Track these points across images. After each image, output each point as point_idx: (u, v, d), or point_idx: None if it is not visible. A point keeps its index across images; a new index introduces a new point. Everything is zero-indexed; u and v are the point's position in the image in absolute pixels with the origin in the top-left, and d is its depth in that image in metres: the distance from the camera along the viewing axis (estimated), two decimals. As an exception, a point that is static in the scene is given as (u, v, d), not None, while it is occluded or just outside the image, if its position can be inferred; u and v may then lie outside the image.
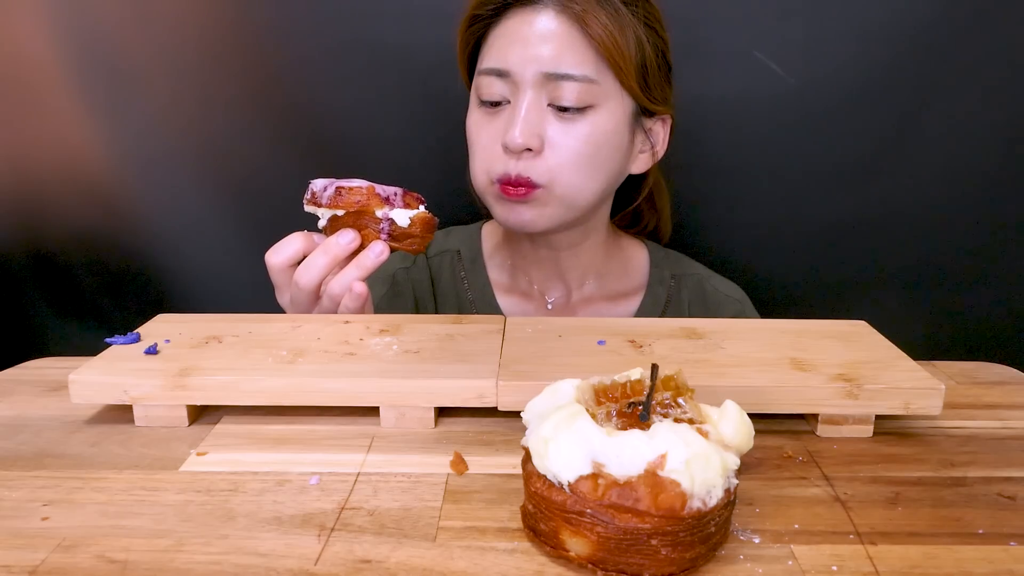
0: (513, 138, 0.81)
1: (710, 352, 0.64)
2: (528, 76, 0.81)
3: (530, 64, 0.81)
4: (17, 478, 0.53)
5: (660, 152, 0.91)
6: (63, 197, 1.17)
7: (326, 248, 0.72)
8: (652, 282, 0.99)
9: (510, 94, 0.83)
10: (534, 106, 0.82)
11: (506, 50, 0.83)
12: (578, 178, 0.83)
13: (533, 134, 0.81)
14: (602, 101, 0.82)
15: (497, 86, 0.84)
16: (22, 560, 0.44)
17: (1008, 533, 0.47)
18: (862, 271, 1.17)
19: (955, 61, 1.04)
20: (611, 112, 0.83)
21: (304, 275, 0.73)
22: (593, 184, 0.85)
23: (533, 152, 0.82)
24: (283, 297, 0.77)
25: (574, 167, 0.83)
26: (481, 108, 0.86)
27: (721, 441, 0.45)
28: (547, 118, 0.82)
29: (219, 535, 0.47)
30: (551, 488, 0.43)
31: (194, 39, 1.10)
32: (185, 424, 0.60)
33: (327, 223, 0.75)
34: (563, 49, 0.80)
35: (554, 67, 0.80)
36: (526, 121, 0.81)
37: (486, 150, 0.85)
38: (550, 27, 0.80)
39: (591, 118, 0.82)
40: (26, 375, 0.71)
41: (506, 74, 0.82)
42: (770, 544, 0.46)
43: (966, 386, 0.69)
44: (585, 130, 0.82)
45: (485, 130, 0.86)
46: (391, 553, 0.45)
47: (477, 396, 0.59)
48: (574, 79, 0.80)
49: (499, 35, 0.84)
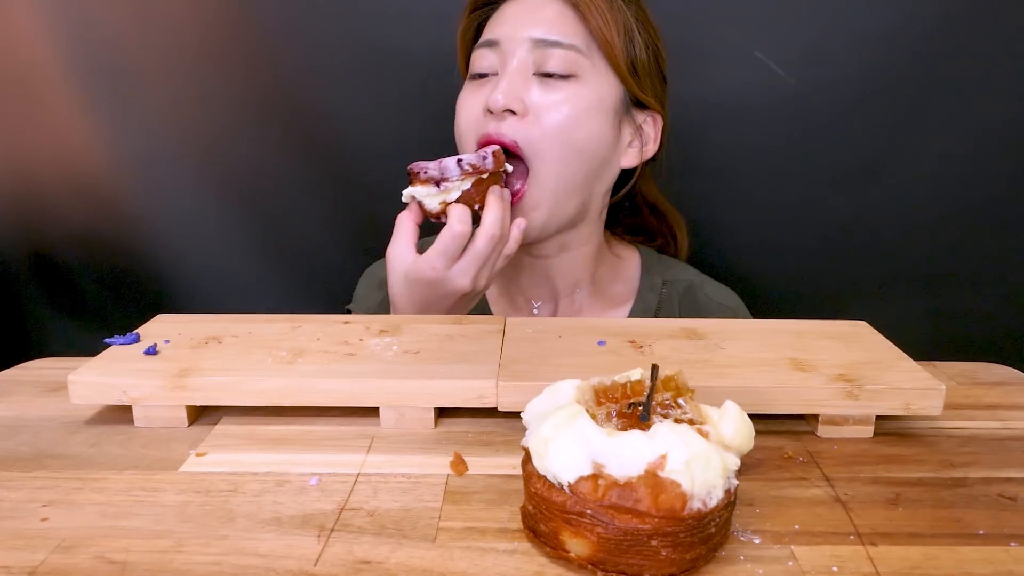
0: (495, 99, 0.81)
1: (710, 352, 0.64)
2: (518, 44, 0.83)
3: (520, 33, 0.83)
4: (16, 479, 0.53)
5: (651, 150, 0.91)
6: (63, 197, 1.17)
7: (489, 237, 0.78)
8: (643, 289, 0.97)
9: (499, 65, 0.85)
10: (519, 71, 0.83)
11: (499, 27, 0.85)
12: (561, 152, 0.83)
13: (516, 97, 0.82)
14: (587, 74, 0.83)
15: (488, 58, 0.85)
16: (21, 561, 0.44)
17: (1009, 534, 0.47)
18: (863, 271, 1.16)
19: (957, 62, 1.04)
20: (596, 86, 0.83)
21: (482, 271, 0.79)
22: (579, 164, 0.84)
23: (516, 116, 0.82)
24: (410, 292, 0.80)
25: (556, 137, 0.82)
26: (470, 82, 0.88)
27: (721, 442, 0.44)
28: (532, 85, 0.83)
29: (219, 536, 0.46)
30: (551, 489, 0.43)
31: (194, 40, 1.10)
32: (185, 425, 0.60)
33: (466, 189, 0.80)
34: (554, 22, 0.83)
35: (544, 34, 0.82)
36: (510, 83, 0.82)
37: (469, 114, 0.86)
38: (544, 6, 0.84)
39: (575, 88, 0.83)
40: (25, 375, 0.71)
41: (496, 43, 0.84)
42: (770, 545, 0.46)
43: (967, 387, 0.69)
44: (568, 97, 0.82)
45: (470, 99, 0.87)
46: (391, 554, 0.45)
47: (477, 396, 0.59)
48: (562, 46, 0.82)
49: (496, 18, 0.87)
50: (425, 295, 0.79)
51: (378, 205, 1.16)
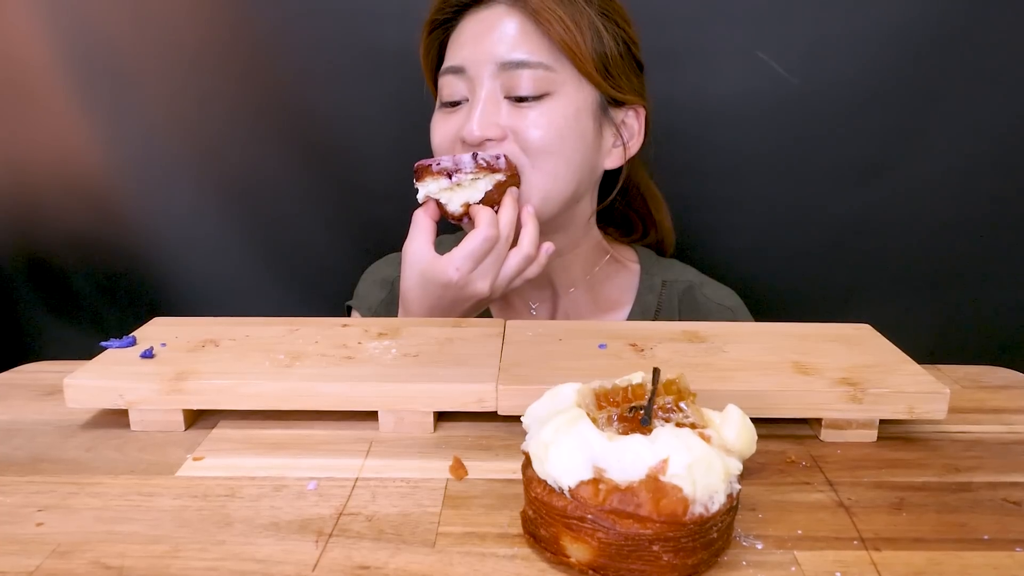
0: (470, 131, 0.81)
1: (712, 356, 0.64)
2: (484, 69, 0.82)
3: (484, 57, 0.82)
4: (12, 483, 0.53)
5: (634, 146, 0.90)
6: (59, 200, 1.16)
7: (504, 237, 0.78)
8: (642, 289, 0.97)
9: (468, 91, 0.84)
10: (491, 98, 0.82)
11: (462, 49, 0.84)
12: (547, 164, 0.82)
13: (491, 124, 0.81)
14: (559, 88, 0.82)
15: (456, 85, 0.84)
16: (17, 566, 0.44)
17: (1013, 539, 0.47)
18: (866, 274, 1.16)
19: (960, 62, 1.04)
20: (569, 98, 0.82)
21: (500, 272, 0.78)
22: (565, 172, 0.83)
23: (494, 142, 0.82)
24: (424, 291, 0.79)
25: (536, 153, 0.82)
26: (441, 108, 0.87)
27: (723, 446, 0.44)
28: (504, 109, 0.82)
29: (216, 541, 0.46)
30: (551, 493, 0.43)
31: (191, 41, 1.10)
32: (181, 428, 0.60)
33: (488, 191, 0.80)
34: (517, 40, 0.81)
35: (508, 56, 0.81)
36: (483, 112, 0.81)
37: (442, 148, 0.86)
38: (503, 21, 0.82)
39: (549, 105, 0.82)
40: (21, 379, 0.71)
41: (462, 70, 0.83)
42: (773, 550, 0.45)
43: (971, 390, 0.69)
44: (544, 117, 0.81)
45: (442, 127, 0.86)
46: (389, 559, 0.44)
47: (477, 400, 0.58)
48: (529, 66, 0.80)
49: (456, 37, 0.86)
50: (440, 296, 0.78)
51: (376, 206, 1.16)
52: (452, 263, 0.76)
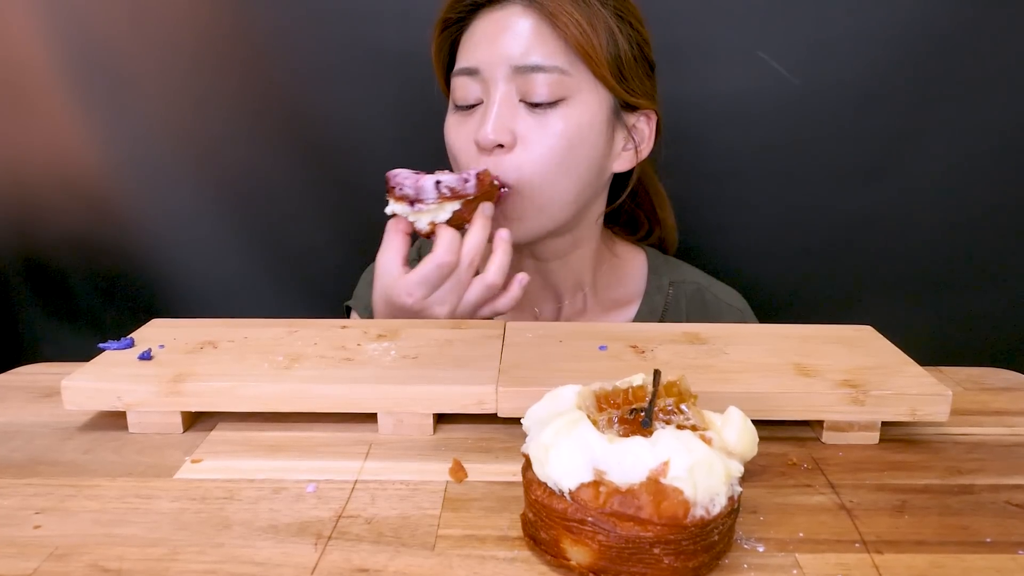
0: (485, 135, 0.80)
1: (713, 358, 0.64)
2: (498, 72, 0.81)
3: (499, 59, 0.80)
4: (9, 486, 0.52)
5: (645, 150, 0.89)
6: (56, 201, 1.16)
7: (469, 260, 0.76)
8: (650, 290, 0.97)
9: (483, 93, 0.83)
10: (506, 101, 0.81)
11: (475, 49, 0.83)
12: (548, 177, 0.81)
13: (504, 129, 0.80)
14: (575, 94, 0.81)
15: (470, 87, 0.83)
16: (14, 569, 0.44)
17: (1016, 542, 0.47)
18: (867, 275, 1.16)
19: (962, 62, 1.03)
20: (586, 104, 0.81)
21: (463, 300, 0.77)
22: (567, 183, 0.83)
23: (504, 148, 0.81)
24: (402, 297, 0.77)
25: (543, 165, 0.81)
26: (456, 112, 0.86)
27: (724, 448, 0.44)
28: (519, 114, 0.81)
29: (214, 543, 0.46)
30: (552, 496, 0.43)
31: (190, 42, 1.09)
32: (180, 431, 0.60)
33: (457, 210, 0.77)
34: (532, 42, 0.80)
35: (523, 59, 0.80)
36: (498, 116, 0.80)
37: (463, 152, 0.85)
38: (518, 22, 0.80)
39: (564, 111, 0.81)
40: (18, 381, 0.71)
41: (476, 72, 0.82)
42: (774, 553, 0.45)
43: (974, 392, 0.69)
44: (559, 125, 0.80)
45: (459, 131, 0.85)
46: (389, 562, 0.44)
47: (476, 402, 0.58)
48: (544, 70, 0.79)
49: (469, 37, 0.84)
50: (402, 315, 0.77)
51: (376, 207, 1.15)
52: (406, 287, 0.75)
